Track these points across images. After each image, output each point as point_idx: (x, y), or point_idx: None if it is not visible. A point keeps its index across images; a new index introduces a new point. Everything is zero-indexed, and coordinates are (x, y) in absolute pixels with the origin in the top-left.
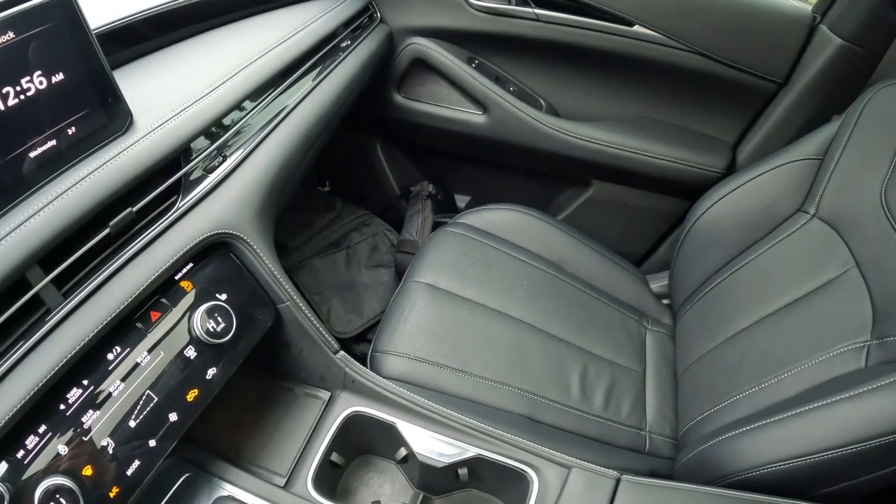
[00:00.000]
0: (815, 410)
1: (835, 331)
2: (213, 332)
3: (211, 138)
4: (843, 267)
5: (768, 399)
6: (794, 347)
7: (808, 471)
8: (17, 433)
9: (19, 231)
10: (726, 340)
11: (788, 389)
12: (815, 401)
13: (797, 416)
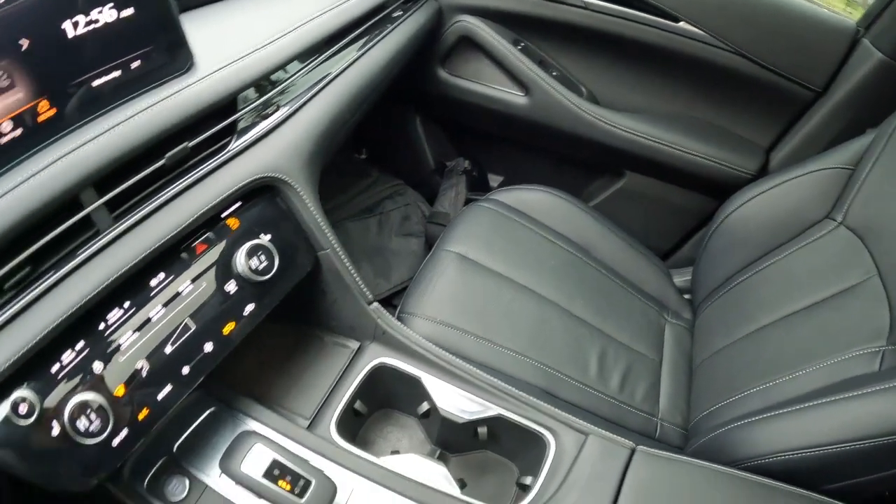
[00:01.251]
0: (827, 405)
1: (852, 334)
2: (255, 269)
3: (263, 89)
4: (866, 275)
5: (781, 395)
6: (810, 347)
7: (815, 463)
8: (55, 348)
9: (77, 153)
10: (744, 337)
11: (802, 387)
12: (826, 396)
13: (808, 409)
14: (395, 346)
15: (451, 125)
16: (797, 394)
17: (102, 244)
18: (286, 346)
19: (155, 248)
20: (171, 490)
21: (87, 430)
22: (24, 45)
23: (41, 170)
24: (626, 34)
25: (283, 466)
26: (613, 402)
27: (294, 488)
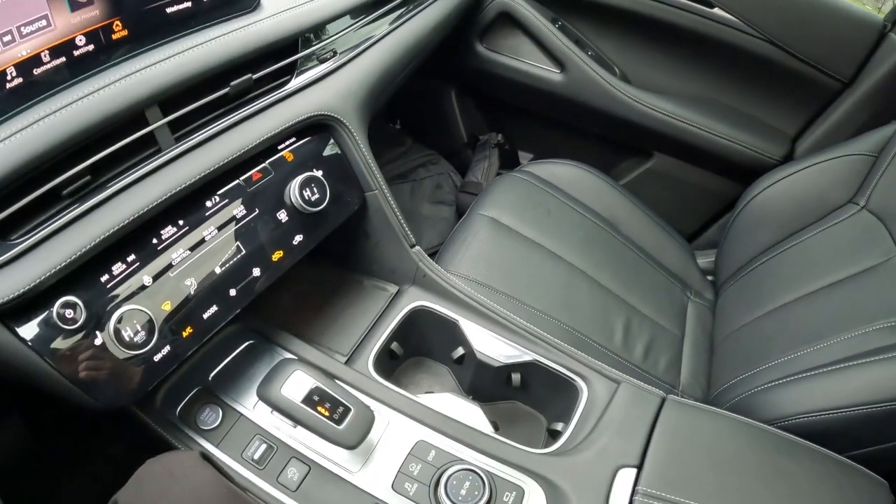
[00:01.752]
0: (851, 368)
1: (872, 309)
2: (307, 200)
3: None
4: (886, 255)
5: (802, 366)
6: (831, 322)
7: (839, 425)
8: (106, 258)
9: (146, 71)
10: (766, 314)
11: (823, 358)
12: (850, 361)
13: (833, 372)
14: (434, 290)
15: (486, 100)
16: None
17: (162, 162)
18: (325, 289)
19: (212, 170)
20: (204, 419)
21: (130, 342)
22: None
23: (111, 83)
24: (660, 17)
25: (323, 393)
26: (637, 370)
27: (333, 415)
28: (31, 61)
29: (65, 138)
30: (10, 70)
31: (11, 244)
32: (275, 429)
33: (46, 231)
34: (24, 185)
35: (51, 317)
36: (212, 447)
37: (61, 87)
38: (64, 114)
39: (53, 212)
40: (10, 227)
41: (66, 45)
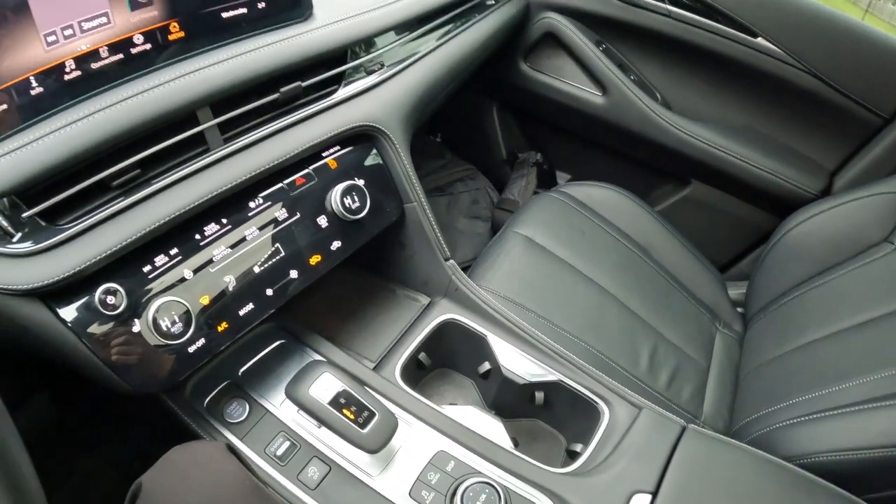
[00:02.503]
0: (873, 410)
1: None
2: (347, 208)
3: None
4: None
5: (828, 404)
6: (859, 361)
7: (858, 467)
8: (150, 250)
9: (200, 73)
10: (794, 350)
11: (849, 397)
12: (873, 403)
13: (854, 413)
14: (465, 304)
15: (527, 118)
16: (844, 403)
17: (210, 161)
18: (359, 295)
19: (258, 172)
20: (231, 412)
21: (167, 332)
22: None
23: (165, 82)
24: (704, 45)
25: (349, 396)
26: (660, 398)
27: (358, 418)
28: (89, 56)
29: (118, 132)
30: (70, 63)
31: (60, 229)
32: (299, 427)
33: (94, 219)
34: (76, 174)
35: (92, 301)
36: (236, 440)
37: (117, 83)
38: (119, 108)
39: (102, 201)
40: (60, 213)
41: (125, 42)
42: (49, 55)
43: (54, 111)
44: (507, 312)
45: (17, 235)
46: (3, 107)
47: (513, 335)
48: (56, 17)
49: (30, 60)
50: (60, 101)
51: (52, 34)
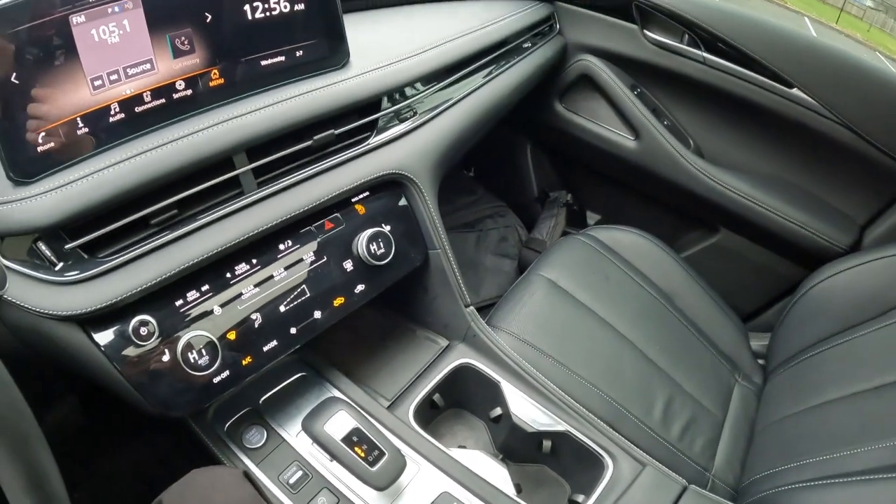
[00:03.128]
0: (880, 481)
1: None
2: (372, 253)
3: (403, 95)
4: None
5: (838, 468)
6: (871, 427)
7: None
8: (183, 285)
9: (238, 120)
10: (810, 408)
11: (860, 463)
12: (882, 473)
13: (861, 483)
14: (481, 350)
15: (560, 158)
16: (854, 469)
17: (244, 204)
18: (380, 333)
19: (289, 216)
20: (249, 438)
21: (194, 363)
22: (208, 18)
23: (204, 128)
24: (739, 93)
25: (362, 435)
26: (671, 449)
27: (368, 456)
28: (133, 100)
29: (159, 175)
30: (115, 106)
31: (100, 261)
32: (313, 459)
33: (133, 254)
34: (117, 210)
35: (126, 330)
36: (252, 465)
37: (159, 126)
38: (160, 152)
39: (141, 237)
40: (100, 246)
41: (167, 87)
42: (95, 98)
43: (99, 151)
44: (521, 361)
45: (59, 265)
46: (51, 145)
47: (525, 383)
48: (103, 62)
49: (77, 102)
50: (105, 142)
51: (98, 78)
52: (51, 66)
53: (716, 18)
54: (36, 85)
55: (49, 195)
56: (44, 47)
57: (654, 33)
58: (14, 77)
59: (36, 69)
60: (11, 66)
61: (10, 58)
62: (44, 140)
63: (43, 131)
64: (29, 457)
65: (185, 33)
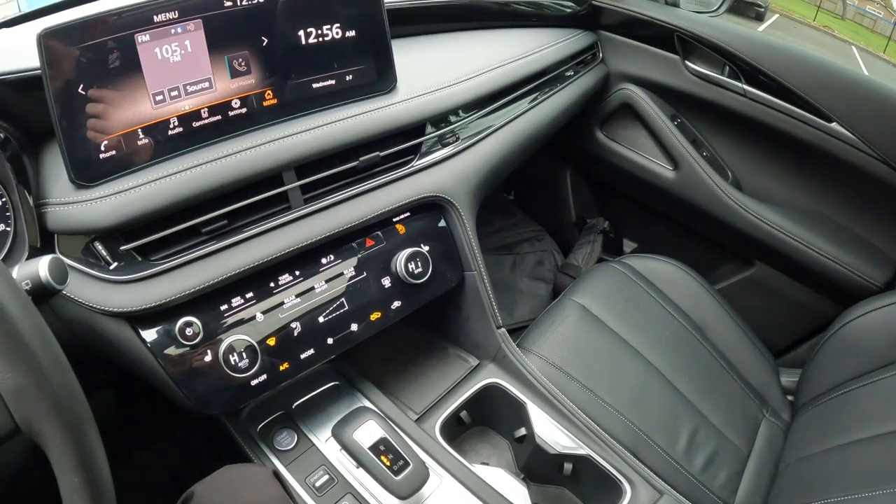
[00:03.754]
0: None
1: None
2: (410, 272)
3: (447, 120)
4: None
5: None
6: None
7: None
8: (228, 291)
9: (289, 139)
10: (835, 447)
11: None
12: None
13: None
14: (510, 371)
15: (598, 185)
16: None
17: (291, 218)
18: (413, 348)
19: (333, 232)
20: (280, 440)
21: (234, 365)
22: (265, 41)
23: (257, 145)
24: (778, 126)
25: (388, 444)
26: (692, 481)
27: (393, 466)
28: (191, 115)
29: (212, 187)
30: (174, 120)
31: (152, 263)
32: (339, 464)
33: (183, 259)
34: (170, 217)
35: (172, 329)
36: (281, 466)
37: (214, 141)
38: (215, 165)
39: (191, 244)
40: (153, 250)
41: (223, 105)
42: (156, 112)
43: (157, 161)
44: (548, 384)
45: (113, 265)
46: (113, 153)
47: (551, 406)
48: (164, 79)
49: (139, 115)
50: (163, 153)
51: (160, 94)
52: (116, 80)
53: (756, 50)
54: (101, 97)
55: (108, 199)
56: (110, 62)
57: (696, 64)
58: (81, 88)
59: (102, 82)
60: (80, 77)
61: (78, 70)
62: (106, 148)
63: (106, 140)
64: (80, 438)
65: (243, 55)
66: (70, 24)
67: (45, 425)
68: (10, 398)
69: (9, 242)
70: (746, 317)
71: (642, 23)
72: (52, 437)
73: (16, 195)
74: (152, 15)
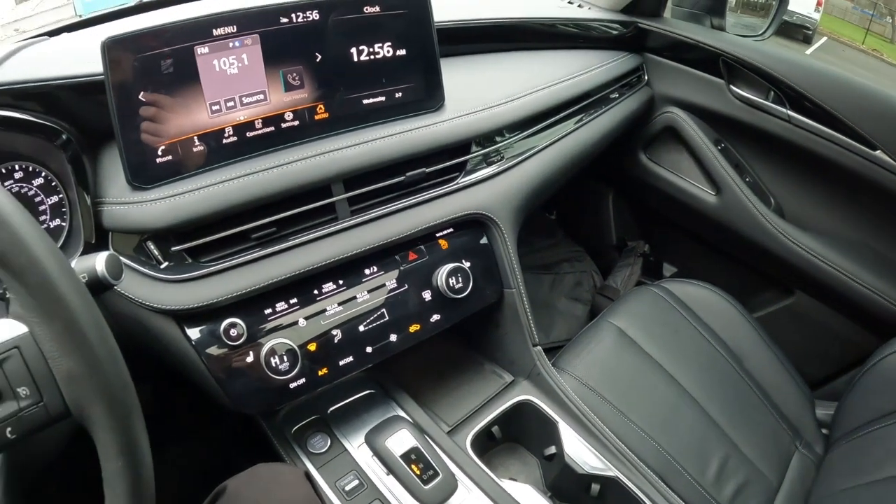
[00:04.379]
0: None
1: None
2: (451, 287)
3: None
4: None
5: None
6: None
7: None
8: (273, 296)
9: (339, 153)
10: (868, 483)
11: None
12: None
13: None
14: (544, 389)
15: (640, 207)
16: None
17: (337, 229)
18: (449, 361)
19: (377, 244)
20: (314, 443)
21: (275, 367)
22: (318, 58)
23: (307, 157)
24: (823, 153)
25: (419, 454)
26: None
27: (423, 475)
28: (246, 125)
29: (263, 195)
30: (229, 129)
31: (201, 265)
32: (370, 470)
33: (231, 263)
34: (221, 221)
35: (216, 329)
36: (313, 468)
37: (266, 151)
38: (266, 175)
39: (240, 249)
40: (203, 252)
41: (277, 117)
42: (212, 121)
43: (211, 167)
44: (580, 404)
45: (164, 264)
46: (169, 158)
47: (582, 426)
48: (221, 90)
49: (196, 123)
50: (217, 160)
51: (216, 104)
52: (175, 89)
53: (801, 75)
54: (160, 104)
55: (163, 202)
56: (170, 72)
57: (741, 89)
58: (141, 95)
59: (161, 90)
60: (140, 84)
61: (139, 78)
62: (163, 153)
63: (163, 145)
64: (127, 425)
65: (297, 70)
66: (133, 34)
67: (95, 410)
68: (64, 383)
69: (63, 236)
70: (784, 346)
71: (688, 46)
72: (100, 422)
73: (73, 192)
74: (212, 28)
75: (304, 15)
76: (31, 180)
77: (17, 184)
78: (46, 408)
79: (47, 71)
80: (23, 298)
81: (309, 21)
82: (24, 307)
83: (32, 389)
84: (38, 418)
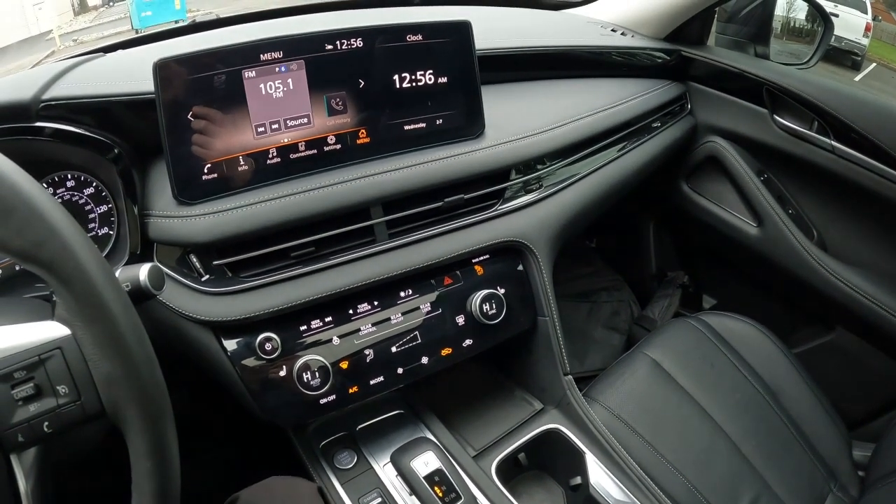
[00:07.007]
0: None
1: None
2: (484, 313)
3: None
4: None
5: None
6: None
7: None
8: (309, 312)
9: (380, 176)
10: None
11: None
12: None
13: None
14: (573, 419)
15: (681, 238)
16: None
17: (375, 251)
18: (479, 386)
19: (414, 268)
20: (340, 459)
21: (307, 383)
22: (362, 84)
23: (348, 180)
24: (867, 185)
25: (443, 476)
26: None
27: (445, 497)
28: (289, 147)
29: (304, 215)
30: (273, 150)
31: (241, 279)
32: (393, 490)
33: (270, 279)
34: (262, 239)
35: (252, 343)
36: (338, 484)
37: (309, 173)
38: (308, 196)
39: (279, 266)
40: (243, 267)
41: (319, 140)
42: (257, 142)
43: (255, 187)
44: (608, 436)
45: (205, 277)
46: (214, 175)
47: (609, 458)
48: (267, 112)
49: (241, 143)
50: (261, 180)
51: (262, 126)
52: (222, 110)
53: (845, 105)
54: (208, 124)
55: (207, 217)
56: (218, 93)
57: (784, 118)
58: (190, 114)
59: (210, 110)
60: (189, 105)
61: (188, 98)
62: (209, 171)
63: (209, 163)
64: (159, 428)
65: (341, 95)
66: (185, 56)
67: (129, 412)
68: (102, 384)
69: (110, 245)
70: (822, 383)
71: (731, 75)
72: (134, 423)
73: (122, 203)
74: (259, 53)
75: (349, 42)
76: (83, 189)
77: (68, 192)
78: (83, 406)
79: (102, 87)
80: (68, 303)
81: (353, 48)
82: (68, 311)
83: (71, 388)
84: (74, 416)
